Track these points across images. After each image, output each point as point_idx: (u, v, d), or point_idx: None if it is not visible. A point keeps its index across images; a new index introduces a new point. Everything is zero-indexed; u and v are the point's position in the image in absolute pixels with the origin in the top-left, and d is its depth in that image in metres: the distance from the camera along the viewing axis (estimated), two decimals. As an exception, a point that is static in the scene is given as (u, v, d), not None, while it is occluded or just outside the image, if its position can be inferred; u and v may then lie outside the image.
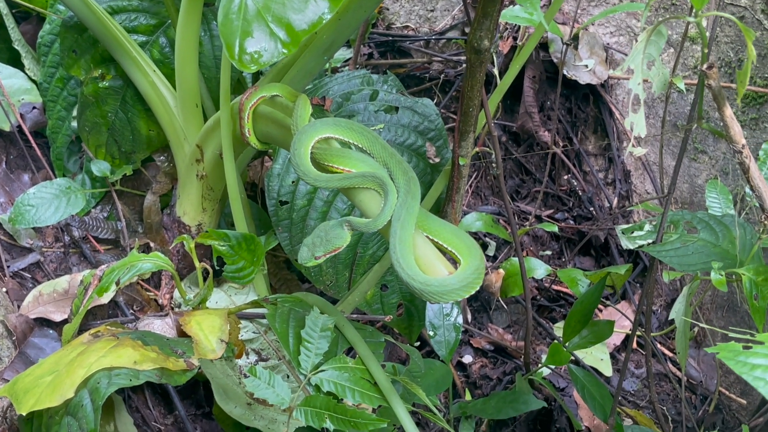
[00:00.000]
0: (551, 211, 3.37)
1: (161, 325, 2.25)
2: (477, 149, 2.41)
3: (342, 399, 1.93)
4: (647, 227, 2.57)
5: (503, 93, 2.40)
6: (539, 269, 2.75)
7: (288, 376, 2.41)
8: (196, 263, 2.18)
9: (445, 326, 2.57)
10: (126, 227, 2.72)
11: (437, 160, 2.55)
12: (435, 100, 3.45)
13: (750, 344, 1.66)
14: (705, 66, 1.67)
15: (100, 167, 2.69)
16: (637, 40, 1.73)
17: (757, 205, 1.94)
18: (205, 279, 2.23)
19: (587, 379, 2.54)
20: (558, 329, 3.18)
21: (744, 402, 3.13)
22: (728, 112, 1.74)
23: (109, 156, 2.74)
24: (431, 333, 2.56)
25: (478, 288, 1.64)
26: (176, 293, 2.61)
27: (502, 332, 3.14)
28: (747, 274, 1.95)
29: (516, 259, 2.78)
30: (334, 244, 1.74)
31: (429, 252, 1.68)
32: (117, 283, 2.20)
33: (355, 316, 2.40)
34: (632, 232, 2.56)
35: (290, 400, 1.93)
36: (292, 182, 2.44)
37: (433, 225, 1.73)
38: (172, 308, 2.59)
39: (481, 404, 2.55)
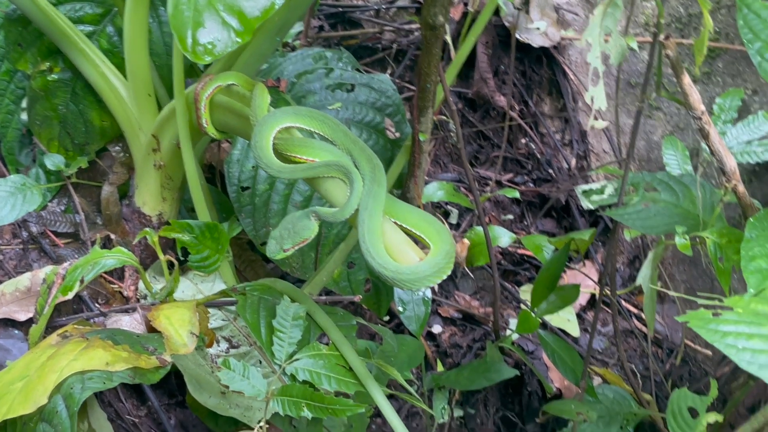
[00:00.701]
0: (511, 175, 3.38)
1: (130, 321, 2.23)
2: (434, 118, 2.40)
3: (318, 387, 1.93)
4: (608, 190, 2.58)
5: (460, 66, 2.39)
6: (503, 237, 2.76)
7: (260, 362, 2.41)
8: (161, 256, 2.16)
9: (414, 301, 2.57)
10: (85, 220, 2.67)
11: (397, 135, 2.54)
12: (389, 71, 3.42)
13: (719, 311, 1.69)
14: (662, 37, 1.67)
15: (54, 161, 2.64)
16: (592, 11, 1.73)
17: (715, 163, 1.96)
18: (170, 271, 2.21)
19: (557, 344, 2.57)
20: (524, 293, 3.21)
21: (709, 353, 3.19)
22: (686, 80, 1.75)
23: (62, 149, 2.68)
24: (401, 309, 2.57)
25: (449, 273, 1.64)
26: (141, 284, 2.58)
27: (469, 299, 3.15)
28: (711, 237, 1.97)
29: (480, 228, 2.79)
30: (301, 236, 1.72)
31: (398, 239, 1.68)
32: (81, 281, 2.17)
33: (324, 297, 2.40)
34: (593, 196, 2.57)
35: (266, 391, 1.92)
36: (252, 167, 2.41)
37: (401, 210, 1.72)
38: (138, 300, 2.56)
39: (454, 375, 2.57)
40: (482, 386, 2.50)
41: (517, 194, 2.98)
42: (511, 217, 3.32)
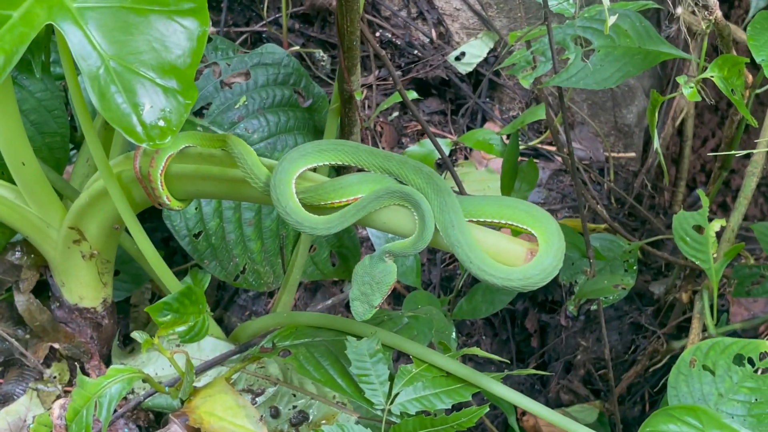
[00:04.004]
0: (377, 72, 3.16)
1: (170, 438, 1.93)
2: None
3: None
4: (528, 58, 2.43)
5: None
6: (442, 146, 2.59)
7: (294, 395, 2.18)
8: (172, 361, 1.84)
9: (400, 255, 2.39)
10: (16, 341, 2.25)
11: (309, 102, 2.27)
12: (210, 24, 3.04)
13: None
14: None
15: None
16: None
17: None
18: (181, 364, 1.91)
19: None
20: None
21: (632, 154, 3.22)
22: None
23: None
24: (391, 268, 2.39)
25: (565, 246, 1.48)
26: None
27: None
28: (715, 73, 1.88)
29: (411, 147, 2.61)
30: (387, 283, 1.49)
31: (496, 241, 1.48)
32: (96, 422, 1.85)
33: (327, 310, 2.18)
34: (520, 72, 2.42)
35: (379, 439, 1.73)
36: (196, 209, 2.09)
37: (476, 207, 1.50)
38: (125, 399, 2.23)
39: (467, 305, 2.43)
40: (504, 305, 2.39)
41: (415, 95, 2.79)
42: (396, 113, 3.14)
